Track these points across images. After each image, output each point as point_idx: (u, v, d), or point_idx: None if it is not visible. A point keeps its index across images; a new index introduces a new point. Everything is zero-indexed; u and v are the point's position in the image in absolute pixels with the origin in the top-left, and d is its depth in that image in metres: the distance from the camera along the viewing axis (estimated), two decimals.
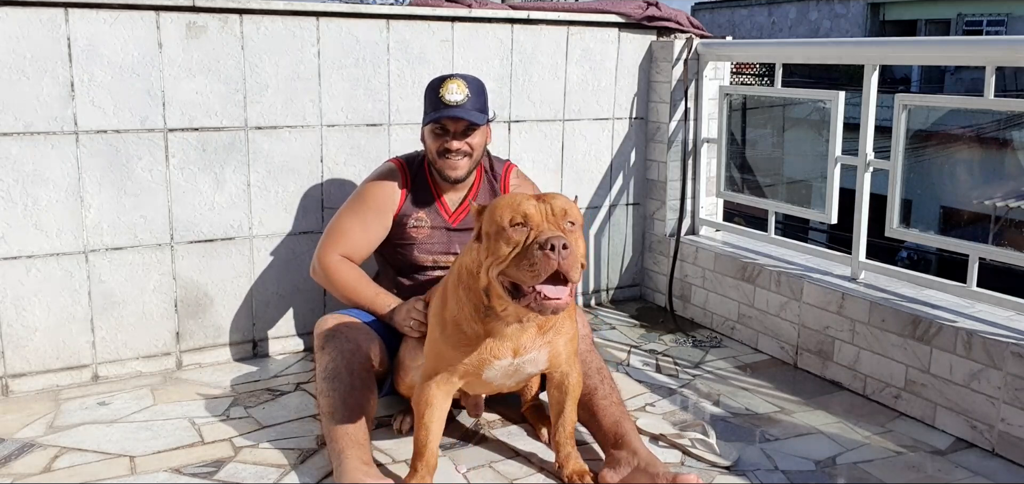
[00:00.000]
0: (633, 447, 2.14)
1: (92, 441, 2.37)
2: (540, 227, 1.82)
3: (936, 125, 10.02)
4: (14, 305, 2.66)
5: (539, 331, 2.01)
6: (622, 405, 2.28)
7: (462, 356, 2.00)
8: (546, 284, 1.78)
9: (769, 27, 22.51)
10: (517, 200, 1.86)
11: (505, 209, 1.85)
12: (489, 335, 1.97)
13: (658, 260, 3.74)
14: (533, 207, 1.84)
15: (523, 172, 2.82)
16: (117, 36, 2.66)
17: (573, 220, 1.87)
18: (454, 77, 2.48)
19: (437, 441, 2.08)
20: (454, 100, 2.44)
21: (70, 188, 2.67)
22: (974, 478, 2.25)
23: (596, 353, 2.39)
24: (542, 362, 2.06)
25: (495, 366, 2.01)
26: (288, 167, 2.98)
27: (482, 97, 2.53)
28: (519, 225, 1.83)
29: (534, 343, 2.01)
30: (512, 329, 1.96)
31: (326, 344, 2.32)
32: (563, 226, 1.84)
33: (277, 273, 3.03)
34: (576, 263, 1.80)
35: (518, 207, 1.84)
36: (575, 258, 1.79)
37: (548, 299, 1.78)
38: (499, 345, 1.98)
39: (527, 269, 1.78)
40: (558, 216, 1.84)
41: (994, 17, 19.00)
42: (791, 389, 2.83)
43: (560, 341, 2.06)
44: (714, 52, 3.54)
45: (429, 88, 2.52)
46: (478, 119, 2.47)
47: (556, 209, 1.85)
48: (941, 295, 2.72)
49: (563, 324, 2.06)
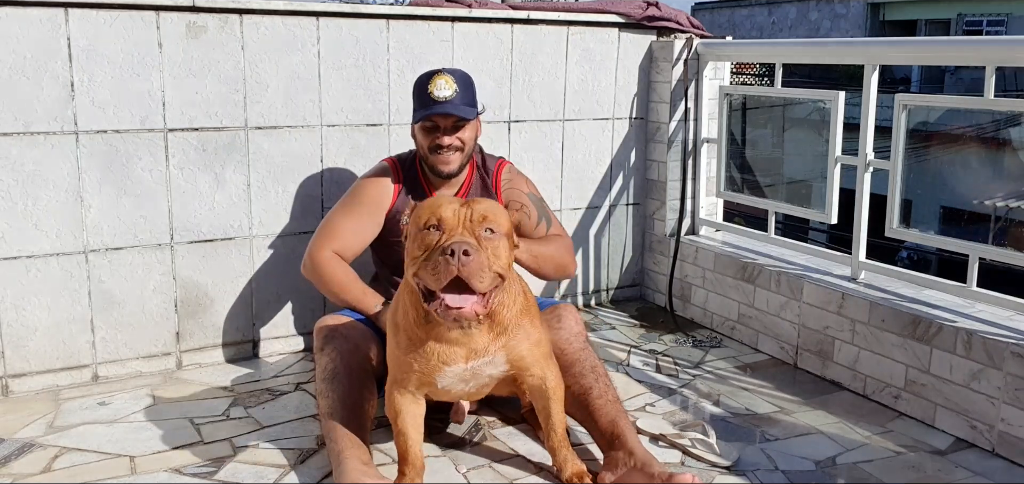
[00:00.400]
0: (629, 447, 2.12)
1: (92, 441, 2.37)
2: (452, 231, 1.78)
3: (936, 125, 10.02)
4: (14, 305, 2.66)
5: (490, 334, 1.95)
6: (618, 403, 2.26)
7: (413, 362, 1.96)
8: (450, 292, 1.75)
9: (769, 27, 22.51)
10: (438, 203, 1.84)
11: (424, 210, 1.84)
12: (434, 340, 1.92)
13: (658, 260, 3.74)
14: (451, 211, 1.81)
15: (517, 169, 2.80)
16: (117, 36, 2.66)
17: (493, 227, 1.82)
18: (442, 72, 2.48)
19: (418, 444, 2.07)
20: (443, 96, 2.44)
21: (70, 188, 2.68)
22: (974, 478, 2.25)
23: (591, 351, 2.36)
24: (501, 364, 2.00)
25: (447, 373, 1.95)
26: (288, 167, 2.98)
27: (470, 91, 2.53)
28: (433, 228, 1.80)
29: (487, 347, 1.95)
30: (457, 333, 1.91)
31: (325, 345, 2.32)
32: (479, 232, 1.79)
33: (277, 273, 3.03)
34: (480, 271, 1.75)
35: (436, 209, 1.81)
36: (479, 266, 1.74)
37: (449, 308, 1.76)
38: (448, 351, 1.93)
39: (431, 274, 1.76)
40: (476, 222, 1.80)
41: (994, 17, 19.00)
42: (791, 389, 2.83)
43: (521, 344, 2.00)
44: (714, 52, 3.54)
45: (417, 84, 2.52)
46: (468, 113, 2.47)
47: (475, 215, 1.81)
48: (941, 295, 2.72)
49: (520, 326, 1.99)
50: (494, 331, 1.95)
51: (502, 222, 1.85)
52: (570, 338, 2.33)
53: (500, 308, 1.94)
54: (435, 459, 2.27)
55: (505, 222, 1.86)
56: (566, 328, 2.34)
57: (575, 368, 2.28)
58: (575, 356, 2.30)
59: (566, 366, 2.27)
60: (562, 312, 2.39)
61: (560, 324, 2.35)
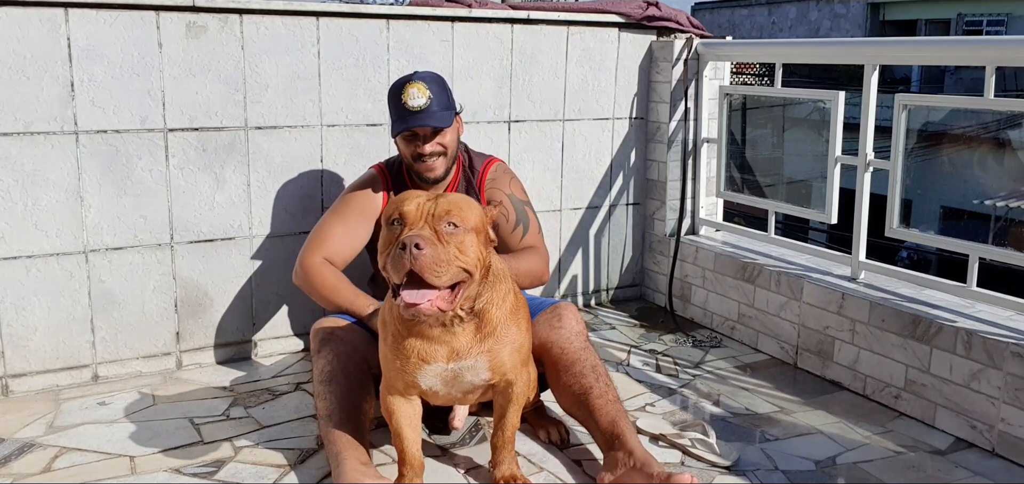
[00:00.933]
0: (629, 447, 2.11)
1: (92, 441, 2.37)
2: (412, 225, 1.77)
3: (936, 125, 10.02)
4: (14, 305, 2.66)
5: (476, 336, 1.93)
6: (619, 403, 2.24)
7: (396, 359, 1.95)
8: (409, 287, 1.74)
9: (769, 27, 22.52)
10: (403, 198, 1.84)
11: (391, 205, 1.84)
12: (415, 336, 1.91)
13: (658, 260, 3.74)
14: (413, 205, 1.80)
15: (508, 170, 2.74)
16: (117, 36, 2.66)
17: (456, 222, 1.79)
18: (414, 79, 2.44)
19: (415, 444, 2.06)
20: (417, 105, 2.41)
21: (70, 188, 2.68)
22: (974, 478, 2.25)
23: (592, 351, 2.33)
24: (483, 371, 1.97)
25: (428, 371, 1.94)
26: (288, 167, 2.98)
27: (445, 93, 2.50)
28: (396, 222, 1.80)
29: (470, 350, 1.93)
30: (438, 331, 1.90)
31: (322, 347, 2.32)
32: (439, 227, 1.77)
33: (277, 273, 3.03)
34: (435, 265, 1.73)
35: (400, 204, 1.81)
36: (433, 260, 1.72)
37: (406, 305, 1.75)
38: (428, 348, 1.91)
39: (392, 268, 1.75)
40: (439, 216, 1.78)
41: (994, 17, 19.00)
42: (791, 389, 2.83)
43: (504, 350, 1.97)
44: (714, 52, 3.54)
45: (391, 95, 2.49)
46: (444, 121, 2.45)
47: (438, 209, 1.79)
48: (941, 295, 2.72)
49: (506, 331, 1.97)
50: (482, 332, 1.93)
51: (468, 216, 1.82)
52: (571, 338, 2.30)
53: (489, 307, 1.93)
54: (435, 459, 2.28)
55: (472, 217, 1.83)
56: (567, 327, 2.32)
57: (576, 368, 2.26)
58: (576, 356, 2.28)
59: (567, 365, 2.26)
60: (563, 311, 2.37)
61: (561, 323, 2.32)
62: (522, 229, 2.61)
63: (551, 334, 2.29)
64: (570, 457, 2.32)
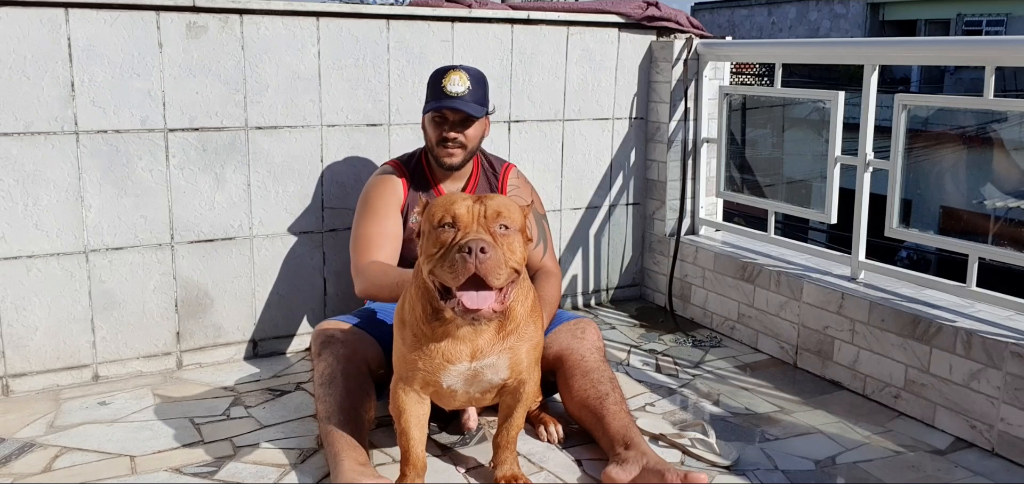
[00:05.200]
0: (642, 449, 2.14)
1: (92, 441, 2.37)
2: (467, 228, 1.77)
3: (936, 125, 10.02)
4: (14, 305, 2.66)
5: (498, 334, 1.94)
6: (630, 414, 2.29)
7: (418, 360, 1.94)
8: (468, 289, 1.74)
9: (769, 27, 22.52)
10: (451, 200, 1.83)
11: (438, 208, 1.82)
12: (441, 337, 1.90)
13: (658, 260, 3.74)
14: (465, 208, 1.79)
15: (523, 174, 2.83)
16: (117, 36, 2.66)
17: (507, 223, 1.80)
18: (457, 68, 2.55)
19: (420, 444, 2.06)
20: (455, 91, 2.51)
21: (70, 188, 2.68)
22: (974, 478, 2.26)
23: (608, 366, 2.41)
24: (503, 368, 1.97)
25: (451, 371, 1.93)
26: (288, 167, 2.99)
27: (483, 89, 2.59)
28: (448, 225, 1.79)
29: (493, 348, 1.93)
30: (465, 330, 1.89)
31: (322, 350, 2.33)
32: (494, 229, 1.78)
33: (277, 273, 3.03)
34: (497, 268, 1.73)
35: (450, 207, 1.80)
36: (496, 263, 1.73)
37: (466, 310, 1.75)
38: (453, 348, 1.91)
39: (449, 271, 1.74)
40: (490, 218, 1.79)
41: (994, 17, 19.01)
42: (791, 389, 2.83)
43: (522, 348, 1.98)
44: (714, 52, 3.55)
45: (433, 77, 2.58)
46: (476, 111, 2.54)
47: (489, 211, 1.79)
48: (941, 295, 2.72)
49: (526, 329, 1.98)
50: (504, 330, 1.94)
51: (515, 218, 1.84)
52: (592, 349, 2.41)
53: (514, 304, 1.93)
54: (436, 459, 2.28)
55: (518, 218, 1.85)
56: (589, 340, 2.43)
57: (594, 375, 2.34)
58: (594, 364, 2.37)
59: (585, 372, 2.34)
60: (586, 326, 2.47)
61: (584, 335, 2.43)
62: (542, 246, 2.68)
63: (573, 342, 2.39)
64: (570, 457, 2.32)
